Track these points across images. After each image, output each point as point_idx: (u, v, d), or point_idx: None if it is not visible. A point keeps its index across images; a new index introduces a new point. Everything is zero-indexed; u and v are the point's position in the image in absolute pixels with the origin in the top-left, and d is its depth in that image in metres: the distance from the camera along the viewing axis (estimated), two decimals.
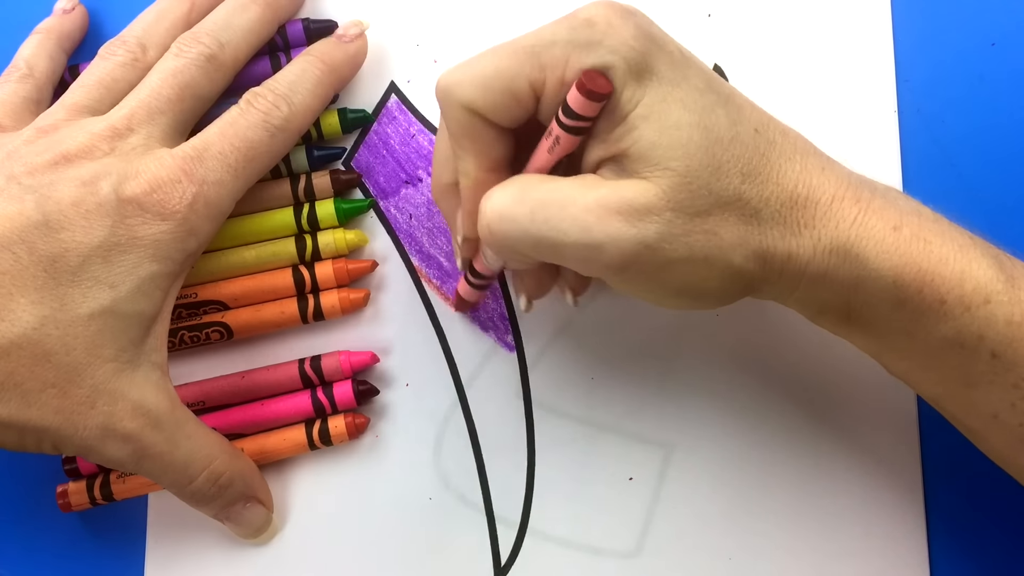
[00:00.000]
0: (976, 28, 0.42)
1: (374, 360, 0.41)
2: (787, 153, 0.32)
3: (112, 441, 0.35)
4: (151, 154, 0.36)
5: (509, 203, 0.32)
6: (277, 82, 0.38)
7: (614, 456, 0.41)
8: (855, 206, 0.32)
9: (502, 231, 0.32)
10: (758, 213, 0.32)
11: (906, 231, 0.32)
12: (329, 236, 0.41)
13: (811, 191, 0.32)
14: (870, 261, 0.32)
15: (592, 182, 0.32)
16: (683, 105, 0.31)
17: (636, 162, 0.31)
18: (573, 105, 0.31)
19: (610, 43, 0.31)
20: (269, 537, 0.41)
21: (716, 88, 0.32)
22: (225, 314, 0.40)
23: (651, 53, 0.31)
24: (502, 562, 0.41)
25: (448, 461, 0.41)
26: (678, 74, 0.31)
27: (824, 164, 0.33)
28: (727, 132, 0.31)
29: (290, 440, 0.40)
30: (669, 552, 0.40)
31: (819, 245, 0.32)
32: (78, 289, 0.34)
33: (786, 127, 0.34)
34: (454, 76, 0.33)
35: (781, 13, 0.43)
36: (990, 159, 0.41)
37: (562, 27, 0.32)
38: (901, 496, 0.40)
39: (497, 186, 0.33)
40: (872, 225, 0.32)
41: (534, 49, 0.32)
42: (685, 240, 0.31)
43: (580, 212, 0.31)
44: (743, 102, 0.33)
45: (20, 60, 0.41)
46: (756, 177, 0.32)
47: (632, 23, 0.31)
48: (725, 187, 0.31)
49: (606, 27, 0.31)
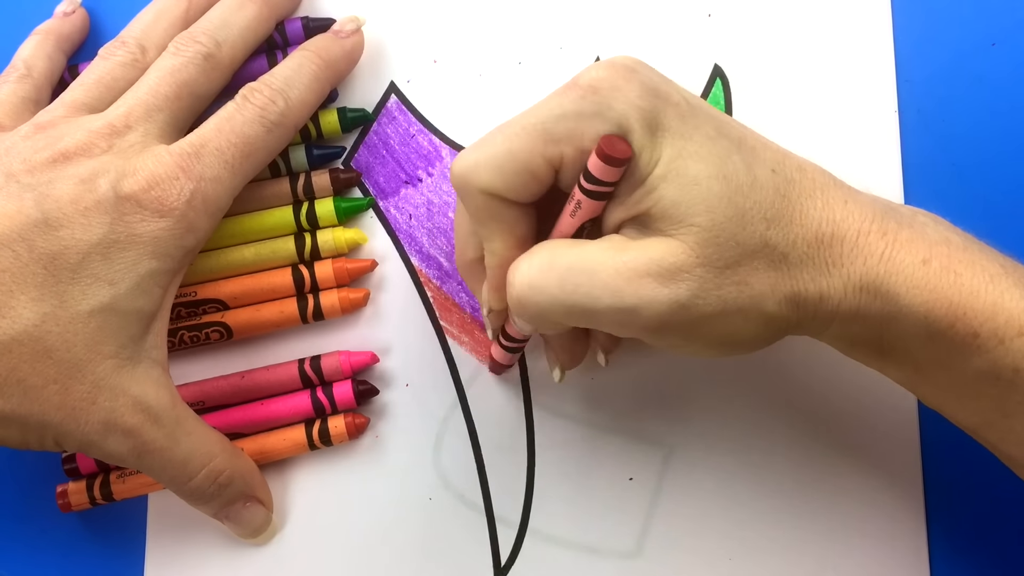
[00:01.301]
0: (976, 28, 0.42)
1: (374, 360, 0.41)
2: (807, 190, 0.32)
3: (113, 436, 0.35)
4: (149, 151, 0.36)
5: (537, 273, 0.32)
6: (273, 77, 0.39)
7: (614, 456, 0.41)
8: (882, 240, 0.32)
9: (534, 302, 0.32)
10: (786, 257, 0.31)
11: (935, 264, 0.31)
12: (328, 234, 0.41)
13: (836, 228, 0.32)
14: (900, 297, 0.31)
15: (618, 244, 0.32)
16: (699, 158, 0.31)
17: (660, 221, 0.31)
18: (595, 172, 0.31)
19: (619, 107, 0.31)
20: (269, 537, 0.41)
21: (727, 132, 0.32)
22: (225, 314, 0.40)
23: (659, 109, 0.31)
24: (502, 562, 0.40)
25: (448, 461, 0.41)
26: (688, 125, 0.31)
27: (846, 196, 0.32)
28: (746, 178, 0.31)
29: (290, 440, 0.40)
30: (669, 552, 0.40)
31: (849, 283, 0.31)
32: (78, 286, 0.34)
33: (802, 161, 0.33)
34: (468, 162, 0.33)
35: (781, 13, 0.43)
36: (990, 159, 0.41)
37: (568, 98, 0.31)
38: (901, 496, 0.40)
39: (523, 256, 0.33)
40: (900, 260, 0.31)
41: (545, 125, 0.32)
42: (717, 294, 0.31)
43: (610, 277, 0.31)
44: (755, 142, 0.33)
45: (18, 60, 0.41)
46: (780, 221, 0.31)
47: (636, 82, 0.31)
48: (751, 235, 0.31)
49: (611, 91, 0.31)
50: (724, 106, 0.42)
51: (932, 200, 0.41)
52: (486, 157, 0.32)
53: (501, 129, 0.33)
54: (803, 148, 0.42)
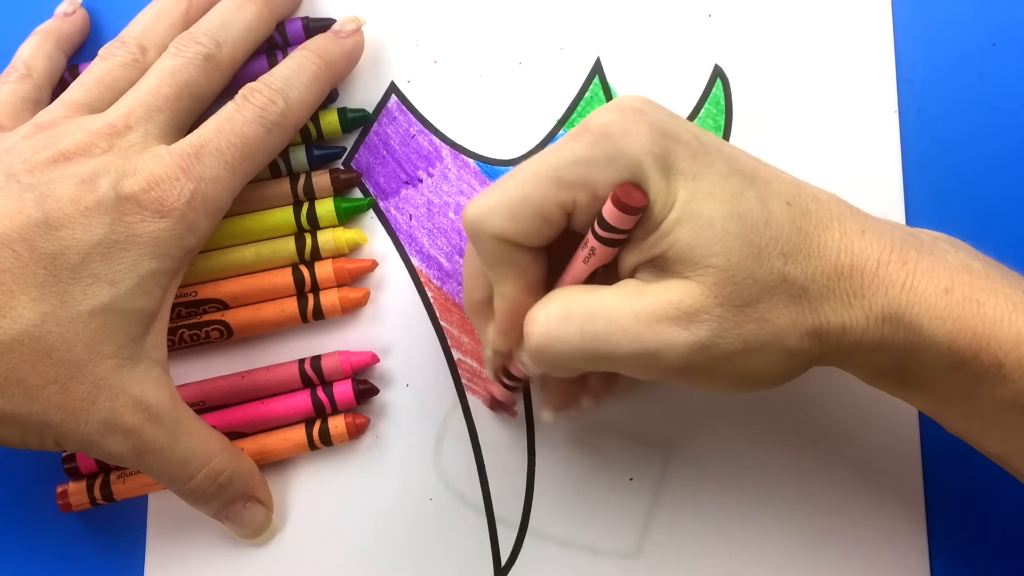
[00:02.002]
0: (976, 28, 0.42)
1: (374, 360, 0.41)
2: (824, 221, 0.32)
3: (113, 436, 0.35)
4: (149, 151, 0.36)
5: (556, 323, 0.32)
6: (273, 77, 0.38)
7: (614, 456, 0.41)
8: (902, 269, 0.31)
9: (554, 351, 0.32)
10: (806, 291, 0.31)
11: (957, 293, 0.31)
12: (329, 234, 0.41)
13: (855, 259, 0.31)
14: (923, 328, 0.31)
15: (635, 288, 0.32)
16: (712, 198, 0.31)
17: (676, 264, 0.31)
18: (610, 219, 0.31)
19: (631, 153, 0.31)
20: (269, 537, 0.41)
21: (739, 168, 0.32)
22: (225, 313, 0.40)
23: (670, 151, 0.31)
24: (502, 562, 0.40)
25: (448, 461, 0.41)
26: (700, 164, 0.31)
27: (863, 225, 0.32)
28: (760, 215, 0.31)
29: (290, 440, 0.40)
30: (669, 552, 0.40)
31: (871, 314, 0.31)
32: (78, 286, 0.34)
33: (817, 191, 0.33)
34: (482, 207, 0.32)
35: (781, 13, 0.43)
36: (990, 159, 0.41)
37: (580, 144, 0.31)
38: (901, 497, 0.40)
39: (539, 305, 0.33)
40: (922, 289, 0.31)
41: (558, 172, 0.31)
42: (738, 332, 0.31)
43: (629, 322, 0.31)
44: (768, 174, 0.32)
45: (18, 61, 0.41)
46: (797, 255, 0.31)
47: (645, 124, 0.31)
48: (769, 272, 0.31)
49: (622, 136, 0.31)
50: (724, 106, 0.42)
51: (932, 200, 0.41)
52: (499, 203, 0.32)
53: (513, 175, 0.32)
54: (803, 149, 0.42)
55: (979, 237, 0.41)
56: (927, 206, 0.41)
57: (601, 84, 0.43)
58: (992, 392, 0.31)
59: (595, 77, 0.43)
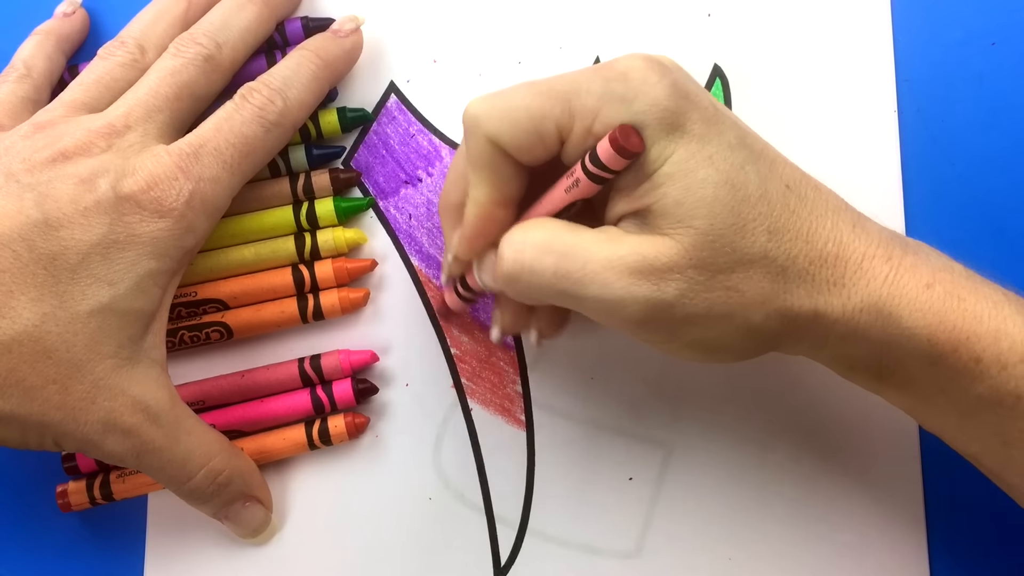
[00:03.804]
0: (976, 28, 0.42)
1: (374, 359, 0.41)
2: (818, 210, 0.32)
3: (113, 436, 0.35)
4: (148, 151, 0.36)
5: (533, 254, 0.32)
6: (272, 77, 0.38)
7: (614, 456, 0.41)
8: (886, 264, 0.32)
9: (525, 281, 0.32)
10: (785, 271, 0.31)
11: (939, 289, 0.32)
12: (328, 234, 0.41)
13: (841, 249, 0.32)
14: (903, 320, 0.31)
15: (615, 236, 0.32)
16: (711, 162, 0.31)
17: (659, 218, 0.31)
18: (603, 157, 0.31)
19: (643, 100, 0.31)
20: (268, 537, 0.41)
21: (749, 144, 0.32)
22: (225, 314, 0.40)
23: (684, 110, 0.31)
24: (502, 562, 0.41)
25: (448, 461, 0.41)
26: (711, 130, 0.31)
27: (855, 221, 0.33)
28: (755, 189, 0.31)
29: (290, 440, 0.40)
30: (669, 552, 0.40)
31: (849, 303, 0.31)
32: (77, 286, 0.34)
33: (819, 183, 0.33)
34: (483, 106, 0.33)
35: (781, 13, 0.43)
36: (989, 159, 0.41)
37: (598, 77, 0.31)
38: (901, 496, 0.40)
39: (518, 229, 0.33)
40: (904, 283, 0.31)
41: (567, 95, 0.32)
42: (705, 295, 0.31)
43: (602, 267, 0.31)
44: (776, 157, 0.33)
45: (18, 61, 0.41)
46: (784, 234, 0.31)
47: (668, 80, 0.31)
48: (750, 245, 0.31)
49: (641, 83, 0.31)
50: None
51: (931, 200, 0.41)
52: (502, 106, 0.32)
53: (525, 84, 0.33)
54: (803, 147, 0.42)
55: (978, 237, 0.41)
56: (926, 205, 0.41)
57: None
58: (968, 388, 0.32)
59: None
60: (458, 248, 0.36)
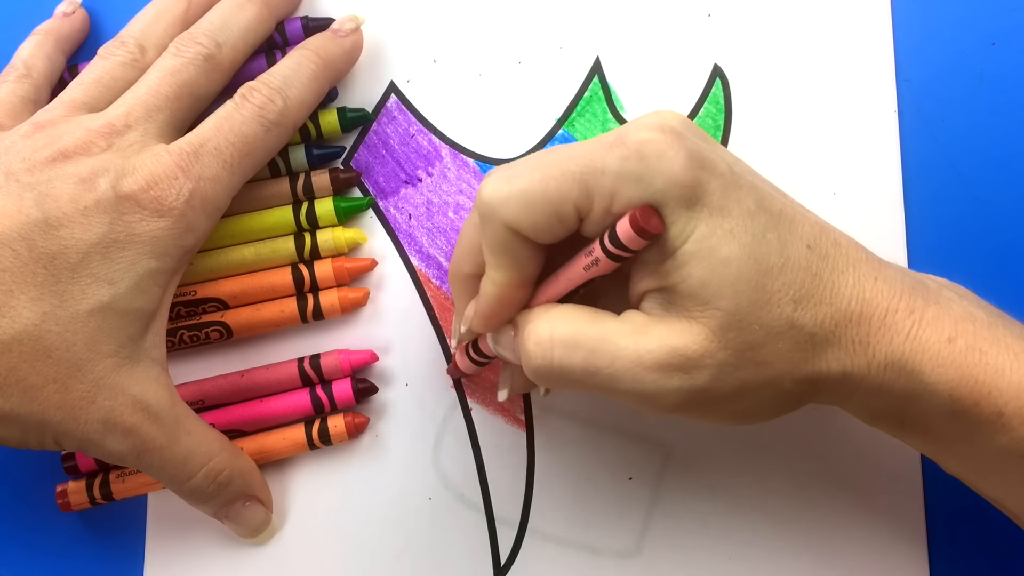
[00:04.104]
0: (976, 28, 0.42)
1: (373, 359, 0.41)
2: (840, 267, 0.32)
3: (113, 435, 0.35)
4: (148, 150, 0.36)
5: (562, 351, 0.32)
6: (272, 76, 0.38)
7: (614, 456, 0.41)
8: (908, 318, 0.31)
9: (553, 376, 0.32)
10: (812, 338, 0.31)
11: (961, 342, 0.31)
12: (328, 234, 0.41)
13: (864, 306, 0.31)
14: (925, 375, 0.31)
15: (640, 326, 0.31)
16: (732, 236, 0.30)
17: (685, 299, 0.31)
18: (623, 238, 0.30)
19: (661, 178, 0.30)
20: (268, 537, 0.41)
21: (767, 205, 0.31)
22: (225, 314, 0.40)
23: (702, 182, 0.30)
24: (502, 562, 0.40)
25: (448, 461, 0.41)
26: (730, 199, 0.31)
27: (877, 272, 0.32)
28: (778, 259, 0.31)
29: (289, 439, 0.40)
30: (669, 552, 0.40)
31: (873, 361, 0.31)
32: (77, 286, 0.34)
33: (838, 235, 0.33)
34: (499, 193, 0.32)
35: (781, 13, 0.43)
36: (990, 159, 0.41)
37: (613, 154, 0.31)
38: (901, 497, 0.40)
39: (542, 321, 0.32)
40: (927, 338, 0.31)
41: (583, 175, 0.31)
42: (737, 375, 0.31)
43: (631, 364, 0.31)
44: (795, 213, 0.32)
45: (18, 60, 0.41)
46: (809, 300, 0.31)
47: (684, 150, 0.30)
48: (776, 317, 0.31)
49: (657, 159, 0.30)
50: (723, 106, 0.42)
51: (931, 199, 0.41)
52: (518, 192, 0.32)
53: (539, 166, 0.32)
54: (803, 148, 0.42)
55: (978, 237, 0.41)
56: (926, 206, 0.41)
57: (600, 83, 0.43)
58: (991, 439, 0.32)
59: (594, 76, 0.43)
60: (474, 323, 0.35)
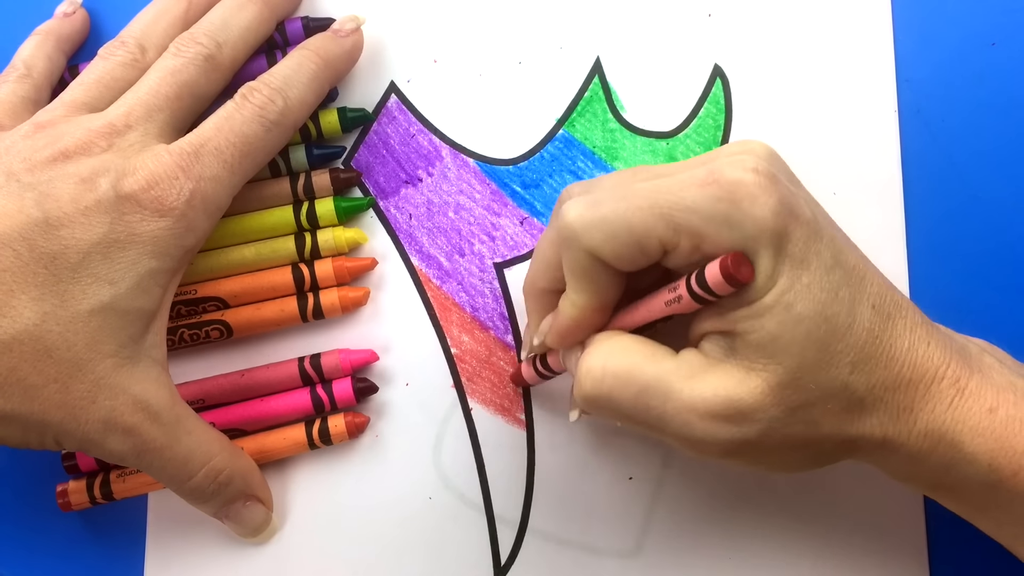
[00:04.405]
0: (976, 28, 0.42)
1: (373, 358, 0.41)
2: (899, 330, 0.31)
3: (113, 435, 0.35)
4: (148, 150, 0.36)
5: (613, 384, 0.32)
6: (272, 76, 0.38)
7: (614, 456, 0.41)
8: (953, 387, 0.31)
9: (602, 406, 0.32)
10: (862, 402, 0.31)
11: (1001, 412, 0.31)
12: (328, 233, 0.41)
13: (914, 372, 0.31)
14: (965, 445, 0.31)
15: (697, 370, 0.31)
16: (809, 293, 0.30)
17: (751, 350, 0.31)
18: (712, 283, 0.30)
19: (752, 224, 0.29)
20: (268, 536, 0.41)
21: (843, 261, 0.31)
22: (225, 313, 0.40)
23: (789, 231, 0.30)
24: (502, 562, 0.41)
25: (448, 461, 0.41)
26: (810, 251, 0.30)
27: (930, 336, 0.32)
28: (845, 320, 0.30)
29: (290, 439, 0.40)
30: (669, 552, 0.40)
31: (915, 429, 0.31)
32: (78, 286, 0.34)
33: (899, 297, 0.32)
34: (583, 219, 0.32)
35: (781, 13, 0.43)
36: (990, 159, 0.41)
37: (705, 195, 0.30)
38: (902, 496, 0.40)
39: (599, 352, 0.32)
40: (968, 408, 0.31)
41: (670, 211, 0.30)
42: (784, 432, 0.31)
43: (683, 409, 0.31)
44: (866, 270, 0.32)
45: (18, 61, 0.41)
46: (866, 364, 0.31)
47: (776, 195, 0.30)
48: (833, 379, 0.30)
49: (750, 203, 0.29)
50: (724, 106, 0.42)
51: (931, 199, 0.41)
52: (602, 220, 0.31)
53: (624, 195, 0.31)
54: (802, 148, 0.42)
55: (978, 237, 0.41)
56: (926, 206, 0.41)
57: (601, 83, 0.43)
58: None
59: (595, 76, 0.43)
60: (549, 339, 0.35)
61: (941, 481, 0.33)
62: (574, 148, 0.42)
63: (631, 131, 0.42)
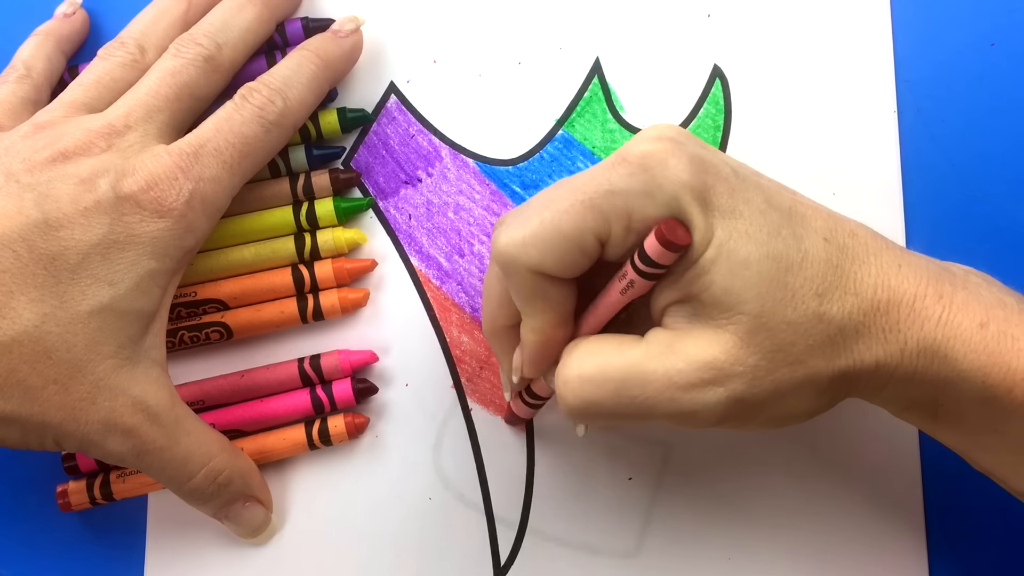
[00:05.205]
0: (976, 28, 0.42)
1: (373, 359, 0.41)
2: (860, 256, 0.31)
3: (113, 436, 0.35)
4: (148, 151, 0.36)
5: (591, 389, 0.31)
6: (272, 77, 0.39)
7: (614, 456, 0.41)
8: (938, 303, 0.31)
9: (589, 413, 0.32)
10: (842, 330, 0.31)
11: (993, 328, 0.31)
12: (328, 234, 0.41)
13: (891, 293, 0.31)
14: (958, 361, 0.31)
15: (666, 345, 0.31)
16: (748, 237, 0.30)
17: (709, 307, 0.31)
18: (652, 255, 0.30)
19: (670, 185, 0.30)
20: (268, 537, 0.41)
21: (777, 203, 0.31)
22: (225, 314, 0.40)
23: (709, 185, 0.30)
24: (502, 562, 0.41)
25: (448, 461, 0.41)
26: (738, 200, 0.30)
27: (899, 260, 0.32)
28: (796, 255, 0.30)
29: (290, 440, 0.40)
30: (668, 552, 0.40)
31: (906, 348, 0.31)
32: (78, 287, 0.34)
33: (854, 225, 0.32)
34: (515, 240, 0.32)
35: (781, 13, 0.43)
36: (989, 159, 0.41)
37: (617, 174, 0.30)
38: (901, 498, 0.40)
39: (571, 361, 0.32)
40: (958, 323, 0.31)
41: (593, 201, 0.31)
42: (772, 378, 0.31)
43: (663, 387, 0.31)
44: (806, 209, 0.32)
45: (18, 61, 0.41)
46: (833, 293, 0.31)
47: (685, 156, 0.30)
48: (803, 313, 0.30)
49: (662, 167, 0.30)
50: (723, 106, 0.42)
51: (930, 200, 0.41)
52: (533, 235, 0.31)
53: (547, 204, 0.31)
54: (802, 148, 0.42)
55: (978, 237, 0.41)
56: (926, 206, 0.41)
57: (600, 84, 0.43)
58: (1021, 427, 0.31)
59: (594, 77, 0.43)
60: (525, 371, 0.35)
61: (938, 405, 0.32)
62: (574, 148, 0.42)
63: (631, 131, 0.42)
